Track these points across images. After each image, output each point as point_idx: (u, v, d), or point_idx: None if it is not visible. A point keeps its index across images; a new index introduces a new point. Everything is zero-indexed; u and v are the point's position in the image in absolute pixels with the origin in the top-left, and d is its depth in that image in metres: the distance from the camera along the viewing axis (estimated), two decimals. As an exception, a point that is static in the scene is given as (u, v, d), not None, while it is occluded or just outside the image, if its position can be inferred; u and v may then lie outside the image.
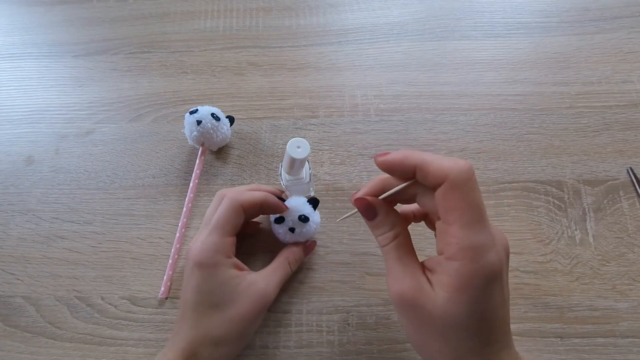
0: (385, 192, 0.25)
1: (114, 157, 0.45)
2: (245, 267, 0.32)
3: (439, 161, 0.21)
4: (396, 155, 0.23)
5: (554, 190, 0.40)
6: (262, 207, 0.33)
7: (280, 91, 0.48)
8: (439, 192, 0.21)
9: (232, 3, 0.55)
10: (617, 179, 0.40)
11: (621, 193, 0.39)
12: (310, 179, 0.37)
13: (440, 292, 0.21)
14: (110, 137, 0.46)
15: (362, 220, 0.26)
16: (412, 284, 0.22)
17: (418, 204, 0.25)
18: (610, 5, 0.51)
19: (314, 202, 0.36)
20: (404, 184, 0.24)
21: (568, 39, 0.49)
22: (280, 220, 0.35)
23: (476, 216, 0.20)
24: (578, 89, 0.45)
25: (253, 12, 0.54)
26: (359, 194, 0.25)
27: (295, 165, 0.33)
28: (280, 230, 0.36)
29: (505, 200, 0.40)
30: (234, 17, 0.54)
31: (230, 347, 0.29)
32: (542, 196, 0.40)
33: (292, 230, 0.35)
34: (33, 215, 0.42)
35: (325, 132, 0.45)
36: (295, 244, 0.36)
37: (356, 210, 0.26)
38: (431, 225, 0.28)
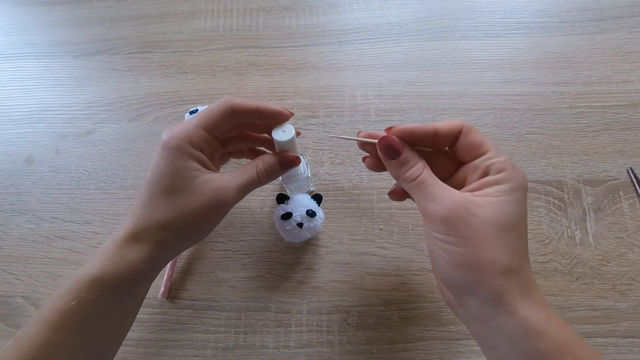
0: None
1: (114, 157, 0.45)
2: (214, 167, 0.30)
3: (443, 122, 0.26)
4: (410, 124, 0.26)
5: (554, 190, 0.40)
6: (260, 113, 0.30)
7: (280, 91, 0.48)
8: (463, 138, 0.26)
9: (232, 3, 0.55)
10: (617, 179, 0.40)
11: (621, 193, 0.39)
12: (309, 174, 0.37)
13: (491, 199, 0.23)
14: (111, 137, 0.46)
15: (361, 218, 0.26)
16: (459, 198, 0.24)
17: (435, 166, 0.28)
18: (610, 5, 0.51)
19: (317, 198, 0.37)
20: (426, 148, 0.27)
21: (568, 39, 0.49)
22: (287, 216, 0.35)
23: (494, 144, 0.26)
24: (578, 89, 0.45)
25: (253, 12, 0.54)
26: (380, 136, 0.27)
27: (284, 150, 0.32)
28: (288, 226, 0.35)
29: (505, 200, 0.40)
30: (234, 17, 0.54)
31: (177, 236, 0.28)
32: (542, 196, 0.40)
33: (300, 225, 0.35)
34: (33, 215, 0.42)
35: (325, 132, 0.45)
36: (271, 154, 0.32)
37: (354, 138, 0.28)
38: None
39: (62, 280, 0.38)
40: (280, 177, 0.38)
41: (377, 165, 0.29)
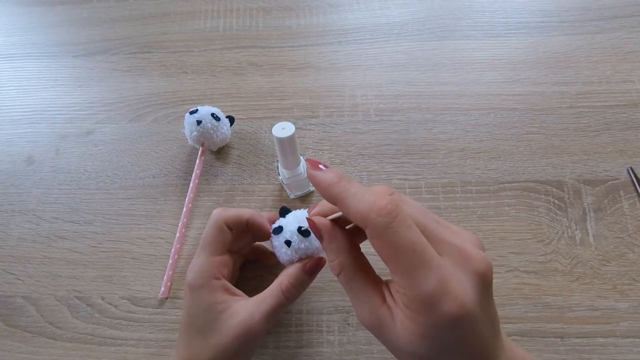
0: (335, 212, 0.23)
1: (114, 157, 0.45)
2: (237, 291, 0.30)
3: (359, 201, 0.20)
4: (323, 180, 0.22)
5: (554, 190, 0.40)
6: (249, 225, 0.31)
7: (280, 91, 0.48)
8: (368, 236, 0.20)
9: (232, 3, 0.55)
10: (618, 179, 0.40)
11: (621, 193, 0.39)
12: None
13: (402, 332, 0.20)
14: (111, 137, 0.46)
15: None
16: (372, 319, 0.21)
17: None
18: (610, 5, 0.51)
19: None
20: (339, 213, 0.23)
21: (568, 39, 0.49)
22: (277, 231, 0.30)
23: (414, 262, 0.19)
24: (578, 89, 0.45)
25: (253, 12, 0.54)
26: (312, 212, 0.25)
27: (284, 147, 0.33)
28: (276, 243, 0.30)
29: (505, 200, 0.40)
30: (234, 17, 0.54)
31: None
32: (543, 196, 0.40)
33: (287, 243, 0.29)
34: (33, 215, 0.42)
35: (325, 132, 0.45)
36: (294, 265, 0.30)
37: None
38: None
39: (62, 280, 0.38)
40: (280, 177, 0.38)
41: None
